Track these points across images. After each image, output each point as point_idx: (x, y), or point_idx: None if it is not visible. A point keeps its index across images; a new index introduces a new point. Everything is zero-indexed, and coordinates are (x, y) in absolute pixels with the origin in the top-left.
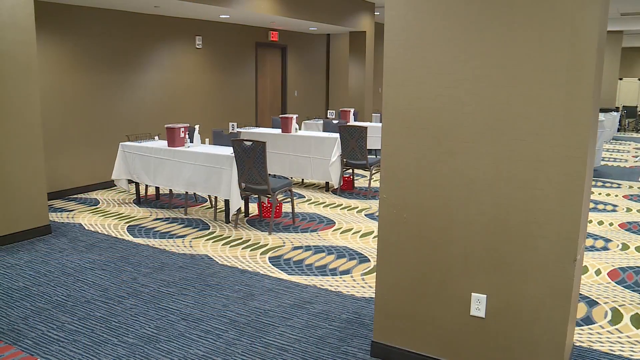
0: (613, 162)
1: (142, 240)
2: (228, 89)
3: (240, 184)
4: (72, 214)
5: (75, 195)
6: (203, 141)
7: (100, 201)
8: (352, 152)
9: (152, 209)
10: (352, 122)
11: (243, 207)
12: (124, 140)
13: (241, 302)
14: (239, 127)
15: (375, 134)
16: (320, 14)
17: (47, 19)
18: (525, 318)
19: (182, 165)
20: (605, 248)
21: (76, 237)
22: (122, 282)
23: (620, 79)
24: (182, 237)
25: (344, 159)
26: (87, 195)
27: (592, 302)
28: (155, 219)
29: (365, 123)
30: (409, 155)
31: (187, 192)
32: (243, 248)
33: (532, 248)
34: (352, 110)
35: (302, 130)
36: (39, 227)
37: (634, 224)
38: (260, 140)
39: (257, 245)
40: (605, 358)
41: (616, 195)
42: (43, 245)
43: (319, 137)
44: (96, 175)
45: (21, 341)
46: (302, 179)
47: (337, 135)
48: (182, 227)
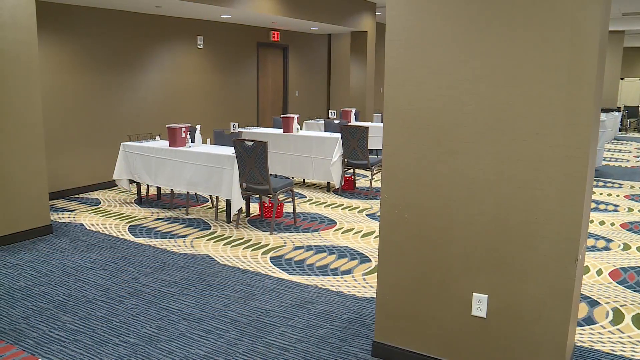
0: (614, 162)
1: (143, 240)
2: (229, 89)
3: (241, 184)
4: (74, 214)
5: (77, 195)
6: (204, 141)
7: (101, 201)
8: (354, 152)
9: (153, 209)
10: (354, 122)
11: (244, 207)
12: (125, 140)
13: (242, 302)
14: (240, 127)
15: (376, 134)
16: (322, 14)
17: (49, 19)
18: (526, 318)
19: (184, 165)
20: (606, 248)
21: (77, 237)
22: (123, 282)
23: (621, 79)
24: (183, 237)
25: (345, 159)
26: (88, 195)
27: (593, 302)
28: (156, 219)
29: (366, 123)
30: (409, 155)
31: (188, 192)
32: (244, 248)
33: (533, 248)
34: (353, 110)
35: (303, 130)
36: (41, 227)
37: (635, 224)
38: (261, 140)
39: (258, 245)
40: (607, 358)
41: (617, 196)
42: (44, 245)
43: (320, 137)
44: (97, 175)
45: (22, 341)
46: (304, 179)
47: (338, 135)
48: (183, 227)
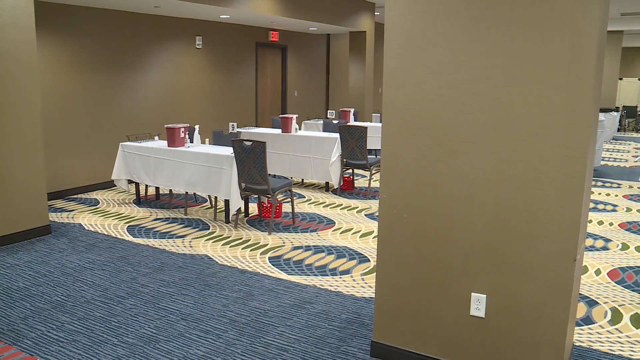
0: (613, 162)
1: (142, 241)
2: (228, 89)
3: (240, 184)
4: (72, 214)
5: (75, 196)
6: (203, 141)
7: (100, 201)
8: (352, 152)
9: (152, 209)
10: (352, 122)
11: (243, 207)
12: (124, 140)
13: (241, 302)
14: (239, 127)
15: (375, 134)
16: (321, 14)
17: (48, 19)
18: (525, 318)
19: (182, 165)
20: (605, 248)
21: (76, 237)
22: (121, 282)
23: (620, 78)
24: (182, 237)
25: (344, 159)
26: (87, 195)
27: (592, 302)
28: (155, 219)
29: (365, 123)
30: (409, 155)
31: (187, 192)
32: (243, 248)
33: (532, 248)
34: (352, 110)
35: (302, 130)
36: (39, 227)
37: (633, 223)
38: (260, 140)
39: (257, 245)
40: (605, 358)
41: (616, 195)
42: (43, 245)
43: (319, 137)
44: (96, 176)
45: (21, 341)
46: (302, 179)
47: (337, 135)
48: (182, 227)
